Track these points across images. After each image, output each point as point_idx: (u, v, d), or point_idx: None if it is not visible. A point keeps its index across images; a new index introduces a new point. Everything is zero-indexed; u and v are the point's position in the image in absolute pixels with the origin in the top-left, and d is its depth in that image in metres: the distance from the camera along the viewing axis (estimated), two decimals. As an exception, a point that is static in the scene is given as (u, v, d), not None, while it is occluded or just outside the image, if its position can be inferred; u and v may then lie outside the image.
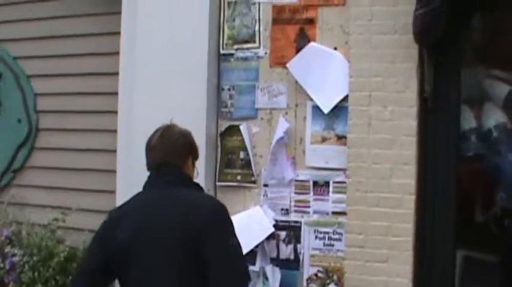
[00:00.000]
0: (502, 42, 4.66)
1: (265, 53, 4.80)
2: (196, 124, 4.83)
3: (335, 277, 4.57)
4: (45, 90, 5.83)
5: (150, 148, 3.52)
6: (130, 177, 5.05)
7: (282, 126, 4.71)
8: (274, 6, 4.76)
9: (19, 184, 5.91)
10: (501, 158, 4.59)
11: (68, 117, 5.70)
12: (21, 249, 5.30)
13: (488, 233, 4.64)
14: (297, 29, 4.70)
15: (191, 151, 3.55)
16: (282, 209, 4.74)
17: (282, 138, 4.69)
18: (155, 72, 5.06)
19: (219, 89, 4.96)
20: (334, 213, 4.58)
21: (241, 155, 4.87)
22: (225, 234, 3.32)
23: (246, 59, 4.87)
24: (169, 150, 3.47)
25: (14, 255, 5.27)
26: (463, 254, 4.47)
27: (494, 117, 4.57)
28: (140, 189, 4.98)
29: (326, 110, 4.56)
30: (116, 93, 5.28)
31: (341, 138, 4.54)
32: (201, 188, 3.60)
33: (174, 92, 4.98)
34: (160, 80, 5.04)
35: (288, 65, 4.67)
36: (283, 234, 4.72)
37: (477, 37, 4.61)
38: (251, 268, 4.69)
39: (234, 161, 4.90)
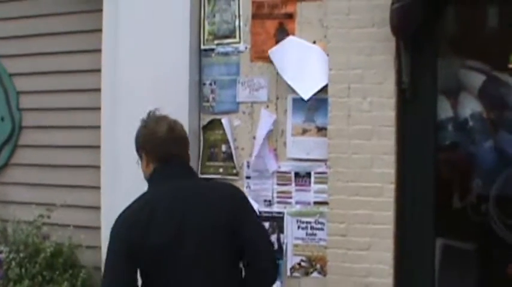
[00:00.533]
0: (476, 33, 4.77)
1: (246, 48, 4.87)
2: (179, 118, 4.77)
3: (318, 266, 4.65)
4: (27, 88, 5.85)
5: (158, 140, 3.42)
6: (115, 172, 5.15)
7: (268, 119, 4.78)
8: (253, 2, 4.83)
9: (3, 182, 5.93)
10: (477, 146, 4.68)
11: (51, 114, 5.73)
12: (8, 246, 5.33)
13: (466, 219, 4.75)
14: (276, 24, 4.77)
15: (188, 143, 3.57)
16: (264, 201, 4.82)
17: (271, 131, 4.76)
18: (137, 68, 5.09)
19: (200, 84, 5.02)
20: (316, 203, 4.66)
21: (223, 148, 4.94)
22: (254, 212, 3.52)
23: (226, 54, 4.94)
24: (180, 143, 3.46)
25: (0, 252, 5.30)
26: (442, 240, 4.57)
27: (469, 107, 4.66)
28: (123, 184, 5.04)
29: (306, 97, 4.63)
30: (98, 90, 5.31)
31: (321, 130, 4.62)
32: None
33: (157, 87, 5.00)
34: (142, 76, 5.07)
35: (269, 51, 4.72)
36: (266, 225, 4.73)
37: (452, 29, 4.72)
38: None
39: (216, 154, 4.97)
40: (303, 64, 4.65)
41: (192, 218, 3.25)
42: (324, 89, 4.58)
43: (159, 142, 3.42)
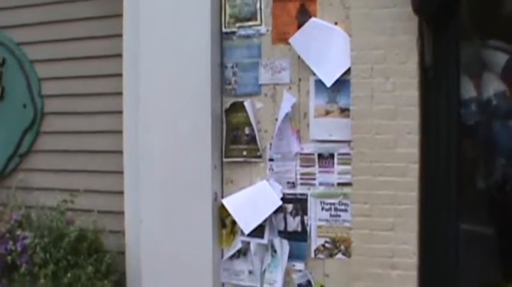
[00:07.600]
0: (499, 13, 4.75)
1: (267, 30, 4.88)
2: (201, 102, 4.98)
3: (342, 247, 4.67)
4: (49, 74, 5.86)
5: None
6: (137, 157, 5.19)
7: (287, 101, 4.79)
8: (274, -16, 4.84)
9: (26, 168, 5.96)
10: (500, 125, 4.67)
11: (73, 100, 5.74)
12: (32, 231, 5.35)
13: (490, 199, 4.74)
14: (297, 5, 4.77)
15: None
16: (288, 183, 4.83)
17: (289, 113, 4.77)
18: (158, 53, 5.12)
19: (222, 67, 5.04)
20: (339, 184, 4.68)
21: (246, 130, 4.96)
22: None
23: (248, 36, 4.96)
24: None
25: (25, 237, 5.32)
26: (466, 219, 4.55)
27: (493, 86, 4.65)
28: (146, 168, 5.10)
29: (328, 84, 4.64)
30: (120, 75, 5.34)
31: (344, 111, 4.63)
32: None
33: (178, 71, 5.04)
34: (164, 60, 5.09)
35: (290, 40, 4.74)
36: (290, 207, 4.82)
37: (476, 8, 4.67)
38: (260, 241, 4.82)
39: (239, 137, 4.99)
40: (325, 47, 4.66)
41: None
42: (347, 70, 4.57)
43: None
